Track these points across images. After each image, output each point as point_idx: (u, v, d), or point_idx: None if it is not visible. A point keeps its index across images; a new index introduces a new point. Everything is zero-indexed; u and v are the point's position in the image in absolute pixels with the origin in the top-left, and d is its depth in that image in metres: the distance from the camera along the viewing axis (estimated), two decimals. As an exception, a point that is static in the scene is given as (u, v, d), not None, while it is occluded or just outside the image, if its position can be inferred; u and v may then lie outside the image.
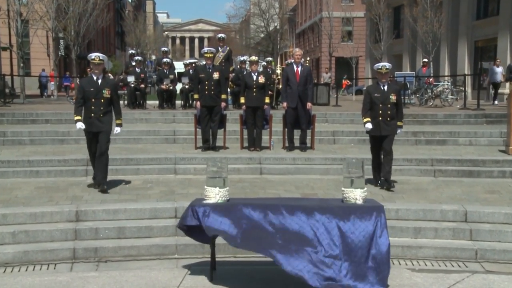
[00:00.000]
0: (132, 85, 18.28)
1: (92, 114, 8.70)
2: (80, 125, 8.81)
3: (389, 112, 9.11)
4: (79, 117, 8.84)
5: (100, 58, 8.70)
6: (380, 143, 9.30)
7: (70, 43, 29.51)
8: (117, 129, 9.06)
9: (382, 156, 9.42)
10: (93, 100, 8.68)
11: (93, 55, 8.72)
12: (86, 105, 8.73)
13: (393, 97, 9.09)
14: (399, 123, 9.30)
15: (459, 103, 21.32)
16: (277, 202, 6.14)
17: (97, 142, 8.82)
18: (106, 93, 8.70)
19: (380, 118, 9.11)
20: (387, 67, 9.14)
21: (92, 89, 8.69)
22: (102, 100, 8.70)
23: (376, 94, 9.16)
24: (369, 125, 9.23)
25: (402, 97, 19.25)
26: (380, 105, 9.10)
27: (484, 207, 8.14)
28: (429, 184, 9.97)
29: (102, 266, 6.91)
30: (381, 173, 9.40)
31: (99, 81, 8.75)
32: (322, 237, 5.65)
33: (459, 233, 7.63)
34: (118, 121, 9.10)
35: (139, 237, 7.51)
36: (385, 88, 9.15)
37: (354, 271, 5.56)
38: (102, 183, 8.84)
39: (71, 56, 29.70)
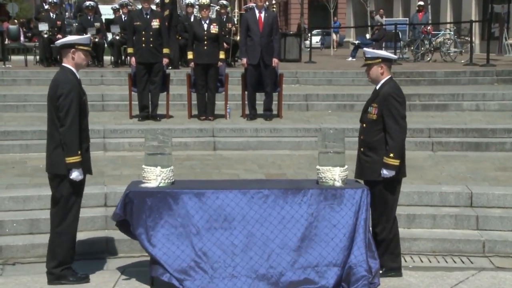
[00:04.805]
0: (46, 36, 17.93)
1: None
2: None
3: (362, 136, 6.56)
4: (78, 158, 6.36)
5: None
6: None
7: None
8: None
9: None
10: None
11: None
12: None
13: (372, 111, 6.39)
14: (386, 160, 6.30)
15: (464, 57, 21.59)
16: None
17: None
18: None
19: (361, 149, 6.60)
20: None
21: None
22: None
23: None
24: None
25: (393, 51, 19.08)
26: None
27: (494, 188, 8.29)
28: (426, 160, 10.13)
29: (8, 270, 6.84)
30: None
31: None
32: None
33: (463, 221, 7.76)
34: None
35: (58, 232, 7.44)
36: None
37: None
38: None
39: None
